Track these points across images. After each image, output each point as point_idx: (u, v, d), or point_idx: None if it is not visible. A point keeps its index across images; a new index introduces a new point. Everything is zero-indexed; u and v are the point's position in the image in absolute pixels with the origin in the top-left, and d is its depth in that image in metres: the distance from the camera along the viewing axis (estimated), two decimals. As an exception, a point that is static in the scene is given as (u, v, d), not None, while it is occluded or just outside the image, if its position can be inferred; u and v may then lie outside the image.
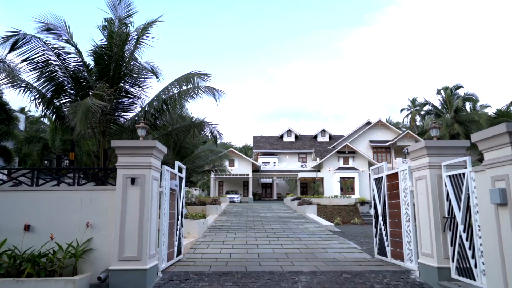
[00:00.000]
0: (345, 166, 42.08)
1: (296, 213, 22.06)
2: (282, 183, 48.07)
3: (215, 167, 31.75)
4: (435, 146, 6.65)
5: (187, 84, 13.95)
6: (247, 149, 72.35)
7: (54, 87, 13.09)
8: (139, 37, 13.76)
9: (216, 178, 45.44)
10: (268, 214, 21.97)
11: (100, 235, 6.51)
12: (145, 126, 6.88)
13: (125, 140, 7.95)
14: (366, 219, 28.26)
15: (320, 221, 17.31)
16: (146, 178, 6.54)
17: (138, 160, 6.56)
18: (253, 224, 16.74)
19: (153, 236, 6.75)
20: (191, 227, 12.88)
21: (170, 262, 7.86)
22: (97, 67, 13.22)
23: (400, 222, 7.78)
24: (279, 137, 53.56)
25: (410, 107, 64.34)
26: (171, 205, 8.04)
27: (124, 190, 6.46)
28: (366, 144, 46.39)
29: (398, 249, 7.90)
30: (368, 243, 12.28)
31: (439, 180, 6.52)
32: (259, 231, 14.45)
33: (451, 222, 6.21)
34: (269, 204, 31.10)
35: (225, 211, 24.12)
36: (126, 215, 6.39)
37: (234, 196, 39.36)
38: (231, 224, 16.76)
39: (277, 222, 17.71)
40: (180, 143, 22.22)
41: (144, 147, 6.56)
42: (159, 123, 15.15)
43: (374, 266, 8.01)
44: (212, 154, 27.46)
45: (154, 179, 6.81)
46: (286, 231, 14.47)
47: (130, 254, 6.26)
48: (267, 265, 8.18)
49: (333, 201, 32.58)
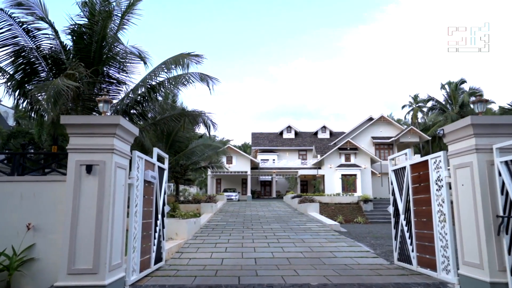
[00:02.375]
0: (347, 163, 40.53)
1: (297, 212, 20.54)
2: (281, 181, 46.49)
3: (211, 163, 30.17)
4: (485, 123, 5.10)
5: (176, 66, 12.37)
6: (246, 147, 70.75)
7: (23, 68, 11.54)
8: (123, 15, 12.21)
9: (214, 176, 43.87)
10: (267, 212, 20.44)
11: (45, 240, 4.97)
12: (108, 100, 5.33)
13: (78, 116, 6.37)
14: (370, 218, 26.81)
15: (323, 220, 15.77)
16: (107, 165, 4.99)
17: (95, 142, 5.01)
18: (251, 224, 15.21)
19: (117, 241, 5.20)
20: (180, 228, 11.34)
21: (144, 273, 6.31)
22: (76, 47, 11.65)
23: (430, 222, 6.25)
24: (279, 134, 51.96)
25: (411, 103, 62.86)
26: (147, 201, 6.49)
27: (77, 181, 4.91)
28: (368, 141, 44.84)
29: (428, 256, 6.37)
30: (381, 245, 10.75)
31: (490, 168, 4.99)
32: (257, 232, 12.92)
33: (508, 222, 4.68)
34: (268, 202, 29.56)
35: (221, 209, 22.58)
36: (80, 213, 4.84)
37: (232, 194, 37.75)
38: (227, 224, 15.22)
39: (277, 221, 16.19)
40: (173, 137, 20.64)
41: (103, 124, 4.99)
42: (145, 111, 13.62)
43: (397, 277, 6.48)
44: (208, 150, 25.83)
45: (119, 167, 5.25)
46: (287, 232, 12.94)
47: (83, 266, 4.72)
48: (265, 275, 6.65)
49: (335, 199, 31.06)
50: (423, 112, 62.29)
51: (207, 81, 13.34)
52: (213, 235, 12.21)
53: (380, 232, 15.88)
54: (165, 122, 13.33)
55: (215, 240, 11.16)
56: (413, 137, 43.86)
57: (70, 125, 4.98)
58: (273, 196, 44.42)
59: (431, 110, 48.53)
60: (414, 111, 61.73)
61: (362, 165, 40.24)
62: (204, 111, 13.56)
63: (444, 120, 45.09)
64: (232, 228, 13.82)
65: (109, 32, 11.88)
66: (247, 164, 42.26)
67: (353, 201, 30.71)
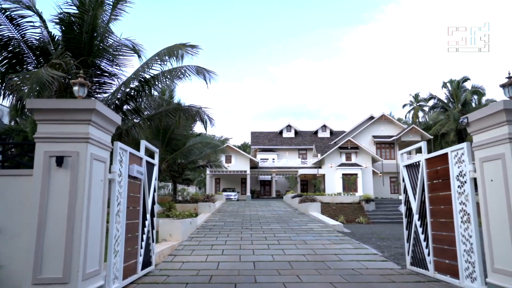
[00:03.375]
0: (348, 162, 39.84)
1: (298, 212, 19.86)
2: (281, 180, 45.76)
3: (210, 162, 29.47)
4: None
5: (170, 57, 11.66)
6: (245, 147, 70.00)
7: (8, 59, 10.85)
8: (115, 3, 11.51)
9: (212, 175, 43.16)
10: (267, 212, 19.75)
11: (10, 244, 4.27)
12: (85, 82, 4.63)
13: (46, 100, 5.67)
14: (372, 218, 26.15)
15: (325, 220, 15.06)
16: (81, 156, 4.29)
17: (68, 130, 4.31)
18: (250, 224, 14.53)
19: (94, 245, 4.50)
20: (174, 228, 10.63)
21: (129, 280, 5.61)
22: (64, 37, 10.96)
23: (450, 223, 5.55)
24: (278, 133, 51.26)
25: (412, 102, 62.27)
26: (132, 199, 5.79)
27: (45, 175, 4.21)
28: (369, 140, 44.15)
29: (447, 261, 5.68)
30: (388, 247, 10.07)
31: (526, 160, 4.30)
32: (256, 232, 12.23)
33: (549, 223, 4.00)
34: (268, 202, 28.87)
35: (220, 209, 21.89)
36: (48, 213, 4.14)
37: (231, 194, 37.06)
38: (224, 224, 14.53)
39: (277, 221, 15.50)
40: (170, 134, 19.96)
41: (76, 109, 4.29)
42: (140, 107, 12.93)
43: (412, 284, 5.78)
44: (207, 148, 25.12)
45: (97, 160, 4.55)
46: (288, 232, 12.25)
47: (51, 274, 4.02)
48: (265, 282, 5.95)
49: (336, 199, 30.37)
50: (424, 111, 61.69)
51: (204, 74, 12.67)
52: (209, 236, 11.51)
53: (384, 232, 15.20)
54: (159, 118, 12.62)
55: (212, 242, 10.46)
56: (414, 136, 43.20)
57: (37, 110, 4.27)
58: (273, 195, 43.72)
59: (433, 109, 47.80)
60: (415, 110, 61.13)
61: (363, 165, 39.56)
62: (201, 106, 12.87)
63: (445, 119, 44.42)
64: (230, 229, 13.13)
65: (101, 23, 11.20)
66: (246, 163, 41.55)
67: (355, 201, 30.03)
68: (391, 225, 23.91)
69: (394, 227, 19.28)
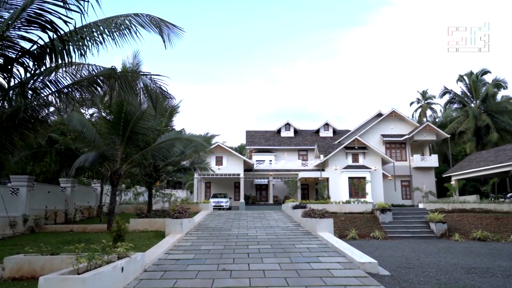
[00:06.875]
0: (355, 164, 35.11)
1: (302, 230, 15.03)
2: (279, 184, 40.88)
3: (194, 164, 24.61)
4: None
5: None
6: (242, 149, 64.99)
7: None
8: None
9: (202, 179, 38.28)
10: (261, 230, 14.92)
11: None
12: None
13: None
14: (390, 232, 21.43)
15: (347, 251, 10.05)
16: None
17: None
18: (232, 256, 9.70)
19: None
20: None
21: None
22: None
23: None
24: (276, 132, 46.45)
25: (420, 100, 57.77)
26: None
27: None
28: (378, 139, 39.47)
29: None
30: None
31: None
32: (238, 279, 7.38)
33: None
34: (263, 211, 23.96)
35: (201, 224, 17.03)
36: None
37: (222, 201, 32.06)
38: (192, 259, 9.64)
39: (274, 251, 10.65)
40: (132, 127, 15.05)
41: None
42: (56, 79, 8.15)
43: None
44: (188, 148, 20.24)
45: None
46: (290, 279, 7.43)
47: None
48: None
49: (344, 208, 25.61)
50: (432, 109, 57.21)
51: (160, 28, 7.99)
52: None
53: (428, 262, 10.10)
54: (79, 89, 7.77)
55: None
56: (429, 134, 38.56)
57: None
58: (270, 202, 38.84)
59: (449, 104, 43.04)
60: (423, 108, 56.66)
61: (372, 167, 34.83)
62: (150, 72, 8.01)
63: (464, 116, 39.75)
64: (197, 271, 8.25)
65: None
66: (240, 165, 36.67)
67: (367, 210, 25.27)
68: (416, 241, 19.01)
69: (428, 247, 14.47)
